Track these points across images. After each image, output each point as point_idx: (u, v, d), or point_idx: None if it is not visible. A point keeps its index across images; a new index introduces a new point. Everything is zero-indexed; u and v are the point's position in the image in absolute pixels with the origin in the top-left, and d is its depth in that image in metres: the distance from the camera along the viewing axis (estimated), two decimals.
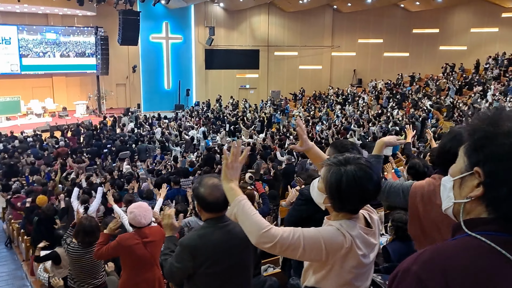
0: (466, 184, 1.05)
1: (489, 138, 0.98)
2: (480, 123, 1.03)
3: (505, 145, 0.95)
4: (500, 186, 0.95)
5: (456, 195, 1.09)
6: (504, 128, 0.98)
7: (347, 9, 28.66)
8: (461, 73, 25.18)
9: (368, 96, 26.00)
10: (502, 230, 0.97)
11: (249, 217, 1.73)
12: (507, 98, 18.39)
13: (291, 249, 1.66)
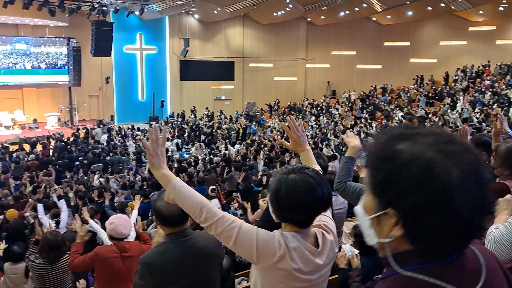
0: (383, 223, 0.97)
1: (392, 178, 0.90)
2: (379, 162, 0.94)
3: (410, 179, 0.88)
4: (419, 220, 0.89)
5: (377, 233, 1.01)
6: (402, 160, 0.90)
7: (321, 22, 29.12)
8: (431, 85, 25.83)
9: (342, 107, 26.36)
10: (430, 260, 0.93)
11: (189, 196, 1.73)
12: (475, 109, 18.91)
13: (224, 236, 1.66)
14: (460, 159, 0.88)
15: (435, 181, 0.85)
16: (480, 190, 0.89)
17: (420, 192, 0.86)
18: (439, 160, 0.87)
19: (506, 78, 21.82)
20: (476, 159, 0.91)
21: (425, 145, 0.90)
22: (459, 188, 0.85)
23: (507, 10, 24.11)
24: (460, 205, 0.85)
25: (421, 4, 24.21)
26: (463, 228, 0.88)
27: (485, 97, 20.59)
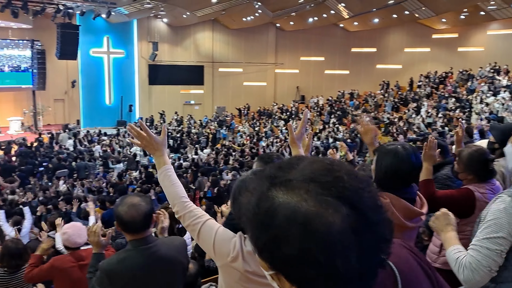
0: (282, 279, 0.79)
1: (270, 243, 0.76)
2: (253, 223, 0.79)
3: (292, 246, 0.72)
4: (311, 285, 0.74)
5: (279, 286, 0.81)
6: (279, 218, 0.74)
7: (290, 27, 29.44)
8: (396, 90, 26.49)
9: (311, 112, 26.68)
10: None
11: (170, 185, 1.90)
12: (439, 115, 19.52)
13: (190, 228, 1.79)
14: (339, 205, 0.73)
15: (314, 247, 0.71)
16: (373, 229, 0.75)
17: (302, 261, 0.72)
18: (313, 216, 0.72)
19: (468, 84, 22.64)
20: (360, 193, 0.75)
21: (301, 192, 0.74)
22: (342, 248, 0.72)
23: (468, 19, 25.05)
24: (346, 266, 0.72)
25: (387, 12, 24.84)
26: (360, 277, 0.74)
27: (448, 102, 21.29)
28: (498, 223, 1.62)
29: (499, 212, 1.63)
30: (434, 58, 27.37)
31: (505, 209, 1.61)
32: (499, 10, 23.12)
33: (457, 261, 1.69)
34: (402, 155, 2.03)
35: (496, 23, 24.95)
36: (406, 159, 2.03)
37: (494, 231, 1.62)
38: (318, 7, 23.99)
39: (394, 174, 2.04)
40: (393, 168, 2.04)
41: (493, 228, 1.63)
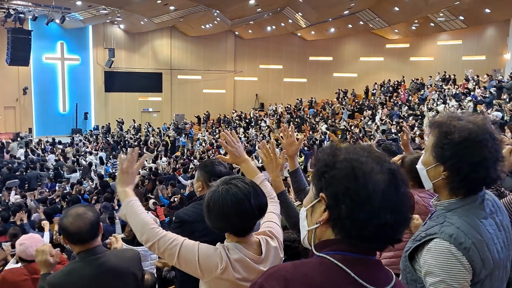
0: (315, 211, 1.13)
1: (328, 165, 1.09)
2: (322, 155, 1.13)
3: (341, 170, 1.06)
4: (340, 206, 1.04)
5: (309, 223, 1.16)
6: (340, 156, 1.09)
7: (248, 35, 29.69)
8: (352, 98, 27.18)
9: (270, 119, 26.92)
10: (348, 250, 1.05)
11: (136, 215, 1.80)
12: (393, 122, 20.17)
13: (167, 254, 1.71)
14: (386, 167, 1.07)
15: (358, 169, 1.04)
16: (398, 195, 1.06)
17: (346, 176, 1.04)
18: (366, 161, 1.06)
19: (419, 93, 23.55)
20: (400, 172, 1.09)
21: (358, 151, 1.10)
22: (376, 183, 1.03)
23: (418, 30, 26.15)
24: (374, 193, 1.02)
25: (342, 22, 25.55)
26: (376, 218, 1.02)
27: (401, 110, 22.06)
28: (454, 279, 1.38)
29: (441, 268, 1.39)
30: (387, 67, 28.34)
31: (446, 262, 1.39)
32: (447, 22, 24.29)
33: None
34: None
35: (445, 34, 26.19)
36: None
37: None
38: (276, 16, 24.33)
39: None
40: None
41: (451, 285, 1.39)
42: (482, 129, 1.44)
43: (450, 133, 1.46)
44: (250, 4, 20.19)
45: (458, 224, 1.42)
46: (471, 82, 21.36)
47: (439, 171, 1.50)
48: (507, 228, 1.53)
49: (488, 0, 19.83)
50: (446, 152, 1.46)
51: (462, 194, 1.48)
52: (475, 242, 1.38)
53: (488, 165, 1.42)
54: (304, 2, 19.90)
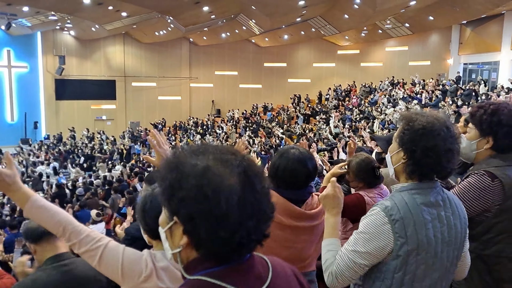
0: (175, 234, 1.04)
1: (174, 187, 0.98)
2: (164, 171, 1.02)
3: (189, 190, 0.95)
4: (198, 229, 0.96)
5: (171, 246, 1.07)
6: (184, 169, 0.98)
7: (203, 42, 29.71)
8: (307, 103, 27.76)
9: (227, 125, 27.02)
10: (218, 264, 1.00)
11: (51, 215, 1.58)
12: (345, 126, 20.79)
13: (88, 255, 1.59)
14: (236, 168, 0.97)
15: (207, 186, 0.94)
16: (255, 196, 0.98)
17: (195, 197, 0.94)
18: (213, 167, 0.96)
19: (370, 97, 24.39)
20: (253, 168, 1.01)
21: (205, 155, 0.99)
22: (229, 195, 0.94)
23: (368, 36, 27.12)
24: (229, 208, 0.94)
25: (295, 29, 26.10)
26: (238, 231, 0.95)
27: (353, 114, 22.76)
28: (366, 238, 1.59)
29: (369, 227, 1.60)
30: (339, 72, 29.17)
31: (374, 224, 1.59)
32: (394, 29, 25.34)
33: (326, 262, 1.67)
34: (293, 158, 2.19)
35: (392, 40, 27.30)
36: (297, 161, 2.18)
37: (362, 245, 1.59)
38: (230, 23, 24.52)
39: (276, 172, 2.20)
40: (276, 165, 2.21)
41: (362, 242, 1.60)
42: (440, 122, 1.61)
43: (411, 122, 1.64)
44: (204, 11, 20.27)
45: (397, 201, 1.60)
46: (418, 86, 22.35)
47: (400, 156, 1.67)
48: (454, 226, 1.66)
49: (431, 8, 20.88)
50: (406, 137, 1.64)
51: (417, 179, 1.64)
52: (403, 217, 1.56)
53: (440, 152, 1.58)
54: (257, 10, 20.19)
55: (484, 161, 2.16)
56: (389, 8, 19.89)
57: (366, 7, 19.07)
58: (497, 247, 2.09)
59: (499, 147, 2.13)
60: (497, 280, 2.10)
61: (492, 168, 2.10)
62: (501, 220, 2.06)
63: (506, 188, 2.05)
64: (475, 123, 2.20)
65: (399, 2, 19.09)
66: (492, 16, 21.20)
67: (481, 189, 2.06)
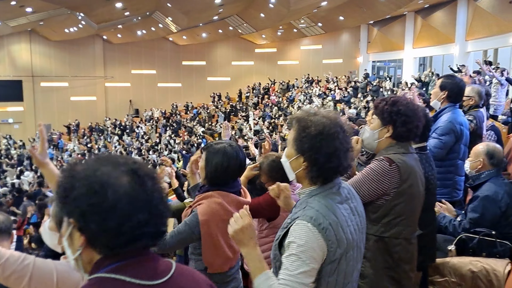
0: (74, 238, 1.06)
1: (67, 189, 1.03)
2: (60, 180, 1.07)
3: (80, 189, 1.01)
4: (90, 225, 1.01)
5: (73, 251, 1.08)
6: (78, 176, 1.04)
7: (118, 40, 28.67)
8: (227, 101, 27.95)
9: (146, 125, 26.38)
10: (117, 260, 1.03)
11: None
12: (265, 123, 21.25)
13: (15, 277, 1.48)
14: (123, 167, 1.05)
15: (95, 183, 1.01)
16: (146, 192, 1.04)
17: (86, 193, 1.00)
18: (102, 168, 1.04)
19: (287, 94, 25.13)
20: (144, 169, 1.08)
21: (96, 161, 1.08)
22: (116, 188, 1.01)
23: (283, 35, 27.89)
24: (116, 200, 1.00)
25: (213, 27, 26.11)
26: (127, 222, 1.00)
27: (272, 111, 23.31)
28: (306, 256, 1.52)
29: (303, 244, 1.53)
30: (258, 70, 29.69)
31: (307, 239, 1.53)
32: (308, 28, 26.32)
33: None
34: (230, 153, 2.26)
35: (307, 39, 28.35)
36: (234, 156, 2.26)
37: (304, 264, 1.52)
38: (146, 20, 23.92)
39: (224, 171, 2.25)
40: (223, 165, 2.25)
41: (302, 261, 1.52)
42: (334, 123, 1.62)
43: (307, 127, 1.61)
44: (117, 7, 19.57)
45: (317, 208, 1.57)
46: (332, 83, 23.42)
47: (300, 162, 1.64)
48: (361, 213, 1.74)
49: (341, 9, 21.98)
50: (305, 145, 1.61)
51: (321, 182, 1.64)
52: (331, 223, 1.55)
53: (340, 154, 1.60)
54: (173, 7, 19.91)
55: (384, 150, 2.36)
56: (302, 8, 20.62)
57: (280, 6, 19.60)
58: (396, 229, 2.26)
59: (397, 135, 2.33)
60: (397, 261, 2.27)
61: (391, 155, 2.30)
62: (398, 203, 2.25)
63: (402, 172, 2.24)
64: (378, 113, 2.39)
65: (311, 2, 19.86)
66: (396, 17, 22.81)
67: (380, 173, 2.24)
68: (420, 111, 2.42)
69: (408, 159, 2.30)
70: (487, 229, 2.88)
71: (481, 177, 3.08)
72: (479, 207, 2.95)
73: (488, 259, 2.80)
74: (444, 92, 3.57)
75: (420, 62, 24.31)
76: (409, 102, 2.37)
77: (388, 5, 20.08)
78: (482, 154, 3.10)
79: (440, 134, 3.46)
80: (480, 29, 18.16)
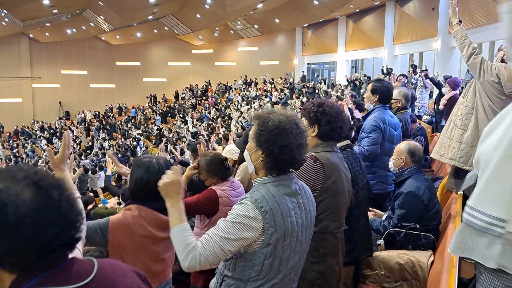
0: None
1: None
2: None
3: None
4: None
5: None
6: None
7: (46, 39, 27.22)
8: (164, 103, 27.46)
9: (78, 128, 25.27)
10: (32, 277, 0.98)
11: None
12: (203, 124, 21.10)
13: None
14: (23, 180, 0.97)
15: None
16: (52, 204, 0.97)
17: None
18: (3, 186, 0.95)
19: (225, 96, 25.15)
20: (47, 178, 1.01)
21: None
22: (17, 203, 0.94)
23: (220, 36, 27.89)
24: (19, 218, 0.93)
25: (148, 27, 25.55)
26: (37, 238, 0.94)
27: (210, 112, 23.21)
28: (237, 227, 1.66)
29: (240, 217, 1.67)
30: (195, 71, 29.44)
31: (246, 215, 1.67)
32: (244, 30, 26.52)
33: (188, 246, 1.67)
34: (154, 169, 2.17)
35: (244, 41, 28.55)
36: (156, 172, 2.14)
37: (233, 233, 1.66)
38: (76, 18, 22.91)
39: (143, 186, 2.16)
40: (143, 179, 2.17)
41: (233, 230, 1.66)
42: (289, 120, 1.77)
43: (266, 122, 1.76)
44: (44, 4, 18.56)
45: (264, 193, 1.72)
46: (268, 84, 23.75)
47: (258, 154, 1.79)
48: (309, 211, 1.85)
49: (277, 11, 22.36)
50: (262, 138, 1.76)
51: (275, 173, 1.78)
52: (272, 208, 1.69)
53: (293, 148, 1.74)
54: (105, 6, 19.23)
55: (311, 149, 2.45)
56: (238, 10, 20.74)
57: (216, 7, 19.58)
58: (323, 224, 2.35)
59: (322, 134, 2.46)
60: (323, 255, 2.36)
61: (316, 153, 2.42)
62: (323, 199, 2.35)
63: (326, 169, 2.36)
64: (305, 114, 2.54)
65: (247, 4, 20.03)
66: (329, 21, 23.58)
67: (306, 170, 2.34)
68: (345, 114, 2.58)
69: (332, 157, 2.42)
70: (412, 223, 3.04)
71: (404, 173, 3.25)
72: (404, 203, 3.12)
73: (413, 252, 2.96)
74: (375, 96, 3.86)
75: (352, 65, 25.31)
76: (334, 105, 2.54)
77: (321, 9, 20.70)
78: (404, 152, 3.27)
79: (368, 132, 3.72)
80: (406, 34, 19.23)
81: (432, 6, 17.07)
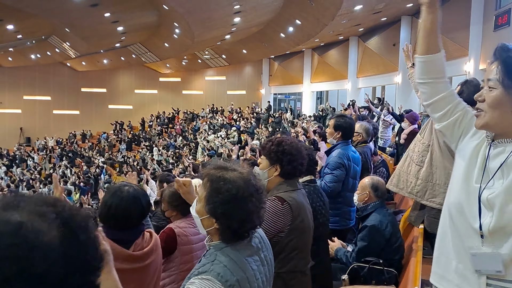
0: None
1: None
2: None
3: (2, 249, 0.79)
4: None
5: None
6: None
7: (9, 63, 26.58)
8: (129, 130, 27.09)
9: (39, 155, 24.50)
10: None
11: None
12: (169, 152, 20.90)
13: None
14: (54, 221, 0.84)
15: (21, 245, 0.79)
16: (79, 248, 0.85)
17: (10, 258, 0.79)
18: (27, 223, 0.81)
19: (192, 124, 25.10)
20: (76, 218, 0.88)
21: (18, 209, 0.84)
22: (46, 250, 0.81)
23: (188, 65, 28.05)
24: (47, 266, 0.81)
25: (115, 54, 25.42)
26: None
27: (176, 140, 23.06)
28: None
29: None
30: (162, 99, 29.32)
31: None
32: (212, 59, 26.81)
33: None
34: (127, 196, 2.12)
35: (211, 70, 28.81)
36: (131, 199, 2.11)
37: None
38: (41, 44, 22.55)
39: (115, 214, 2.10)
40: (115, 208, 2.11)
41: None
42: (247, 184, 1.56)
43: (220, 191, 1.54)
44: (8, 29, 18.22)
45: (226, 263, 1.50)
46: (235, 113, 23.92)
47: (212, 221, 1.57)
48: (270, 262, 1.72)
49: (244, 43, 22.78)
50: (218, 210, 1.54)
51: (233, 242, 1.57)
52: (239, 279, 1.48)
53: (253, 217, 1.56)
54: (72, 32, 19.04)
55: (275, 188, 2.47)
56: (206, 40, 21.00)
57: (185, 37, 19.76)
58: (292, 263, 2.36)
59: (285, 173, 2.47)
60: None
61: (281, 193, 2.41)
62: (292, 239, 2.36)
63: (294, 209, 2.37)
64: (265, 153, 2.52)
65: (215, 35, 20.31)
66: (295, 53, 24.19)
67: (273, 213, 2.34)
68: (303, 149, 2.59)
69: (297, 195, 2.44)
70: (375, 258, 3.11)
71: (368, 208, 3.34)
72: (367, 236, 3.19)
73: (377, 287, 3.02)
74: (338, 132, 3.94)
75: (318, 96, 25.91)
76: (293, 142, 2.54)
77: (287, 42, 21.25)
78: (368, 187, 3.37)
79: (332, 169, 3.77)
80: (369, 68, 19.95)
81: (393, 42, 17.85)
